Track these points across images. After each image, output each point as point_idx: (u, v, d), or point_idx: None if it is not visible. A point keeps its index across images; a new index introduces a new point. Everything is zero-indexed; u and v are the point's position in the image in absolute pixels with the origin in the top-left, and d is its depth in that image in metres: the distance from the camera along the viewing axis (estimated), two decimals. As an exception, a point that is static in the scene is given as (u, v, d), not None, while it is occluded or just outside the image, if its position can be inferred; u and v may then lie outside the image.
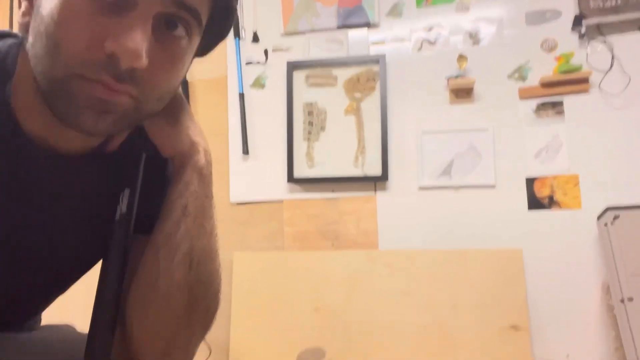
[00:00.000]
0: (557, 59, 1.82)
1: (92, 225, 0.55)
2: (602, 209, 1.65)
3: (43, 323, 0.70)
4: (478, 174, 1.86)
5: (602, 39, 1.81)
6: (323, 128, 2.01)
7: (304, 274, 1.90)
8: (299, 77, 2.04)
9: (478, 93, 1.90)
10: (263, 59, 2.10)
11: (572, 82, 1.81)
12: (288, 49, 2.09)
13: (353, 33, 2.03)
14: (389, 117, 1.95)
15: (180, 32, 0.44)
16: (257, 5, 2.13)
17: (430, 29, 1.97)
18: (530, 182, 1.83)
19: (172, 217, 0.52)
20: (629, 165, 1.75)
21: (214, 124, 2.10)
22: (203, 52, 0.54)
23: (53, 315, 0.76)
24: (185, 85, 2.11)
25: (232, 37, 2.11)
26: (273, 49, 2.10)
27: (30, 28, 0.43)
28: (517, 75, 1.88)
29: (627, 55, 1.79)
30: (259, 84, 2.10)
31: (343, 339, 1.80)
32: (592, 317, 1.72)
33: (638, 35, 1.80)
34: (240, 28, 2.12)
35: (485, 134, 1.87)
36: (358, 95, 1.99)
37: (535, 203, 1.81)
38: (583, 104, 1.81)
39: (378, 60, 1.96)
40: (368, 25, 2.02)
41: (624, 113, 1.78)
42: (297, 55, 2.07)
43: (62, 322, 0.72)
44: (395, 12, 2.01)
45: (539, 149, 1.83)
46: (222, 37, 0.54)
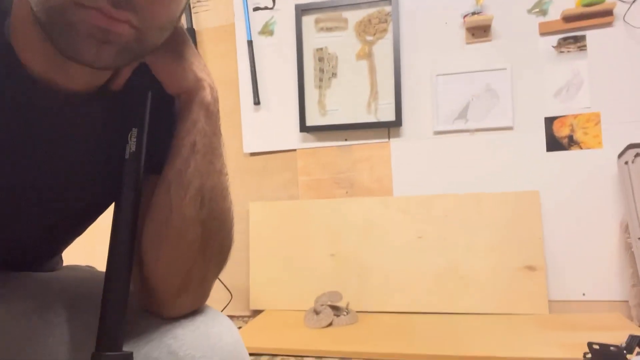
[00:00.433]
0: (580, -9, 1.72)
1: (101, 165, 0.55)
2: (623, 148, 1.61)
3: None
4: (495, 116, 1.82)
5: (629, -33, 1.70)
6: (334, 74, 1.96)
7: (320, 222, 1.92)
8: (308, 21, 1.97)
9: (496, 31, 1.82)
10: (271, 4, 2.04)
11: (595, 14, 1.71)
12: (296, -8, 2.01)
13: (363, -28, 1.93)
14: (402, 60, 1.89)
15: None
16: (262, -53, 2.04)
17: (445, -36, 1.87)
18: (550, 122, 1.78)
19: (181, 154, 0.52)
20: (654, 102, 1.68)
21: (224, 74, 2.07)
22: None
23: (76, 260, 0.78)
24: (193, 34, 2.07)
25: (237, -18, 2.04)
26: (280, -7, 2.02)
27: None
28: (537, 10, 1.78)
29: (656, -16, 1.68)
30: (267, 31, 2.04)
31: (359, 283, 1.84)
32: (608, 255, 1.72)
33: (669, -39, 1.68)
34: (246, -28, 2.04)
35: (503, 74, 1.80)
36: (370, 39, 1.92)
37: (554, 144, 1.77)
38: (606, 38, 1.73)
39: (390, 0, 1.88)
40: (379, -37, 1.92)
41: (651, 46, 1.69)
42: (305, -1, 1.99)
43: (85, 264, 0.74)
44: (408, -53, 1.90)
45: (559, 87, 1.77)
46: None
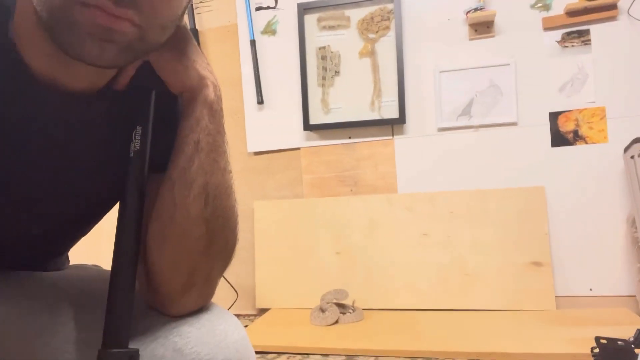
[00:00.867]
0: (583, -15, 1.71)
1: (106, 164, 0.55)
2: (629, 142, 1.60)
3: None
4: (499, 112, 1.81)
5: (633, -40, 1.69)
6: (337, 72, 1.96)
7: (324, 220, 1.92)
8: (311, 20, 1.97)
9: (499, 26, 1.81)
10: (273, 3, 2.04)
11: (599, 8, 1.70)
12: (298, -9, 2.01)
13: (365, -30, 1.93)
14: (405, 57, 1.89)
15: None
16: (264, -54, 2.04)
17: (447, -39, 1.86)
18: (554, 116, 1.77)
19: (184, 152, 0.52)
20: (660, 95, 1.67)
21: (227, 74, 2.07)
22: None
23: (82, 259, 0.79)
24: (196, 35, 2.07)
25: (239, -18, 2.05)
26: (282, -8, 2.03)
27: None
28: (540, 5, 1.77)
29: (660, -24, 1.66)
30: (270, 30, 2.05)
31: (365, 280, 1.84)
32: (615, 250, 1.71)
33: (674, -47, 1.66)
34: (248, -28, 2.04)
35: (507, 69, 1.80)
36: (372, 36, 1.92)
37: (559, 139, 1.76)
38: (611, 32, 1.72)
39: (392, -3, 1.88)
40: (381, -40, 1.92)
41: (656, 40, 1.68)
42: (307, -3, 1.99)
43: (91, 263, 0.75)
44: (410, -57, 1.90)
45: (564, 82, 1.76)
46: None
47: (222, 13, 2.10)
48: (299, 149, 2.02)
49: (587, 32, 1.74)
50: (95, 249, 1.10)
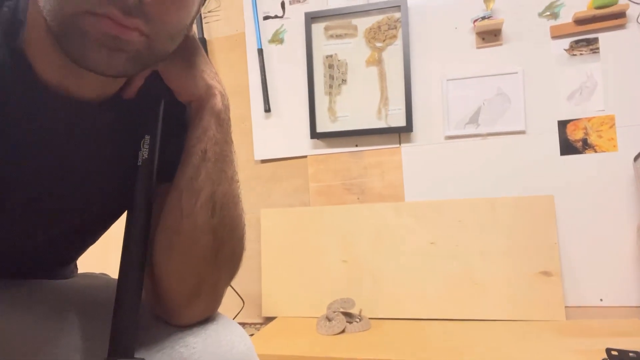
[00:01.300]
0: (591, -7, 1.70)
1: (114, 173, 0.55)
2: (639, 151, 1.58)
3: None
4: (507, 120, 1.80)
5: (642, -32, 1.68)
6: (344, 81, 1.96)
7: (331, 228, 1.91)
8: (318, 28, 1.98)
9: (506, 35, 1.81)
10: (280, 13, 2.05)
11: (607, 17, 1.69)
12: (305, 0, 2.02)
13: (372, -21, 1.94)
14: (412, 65, 1.89)
15: None
16: (272, -44, 2.06)
17: (454, -30, 1.87)
18: (563, 125, 1.76)
19: (192, 162, 0.52)
20: (670, 104, 1.66)
21: (235, 82, 2.09)
22: None
23: (91, 267, 0.79)
24: (204, 44, 2.09)
25: (248, -9, 2.06)
26: (290, 1, 2.04)
27: None
28: (548, 13, 1.77)
29: (669, -16, 1.66)
30: (277, 39, 2.06)
31: (372, 289, 1.83)
32: (626, 260, 1.68)
33: (683, -39, 1.66)
34: (257, -18, 2.06)
35: (515, 78, 1.79)
36: (379, 45, 1.93)
37: (568, 147, 1.75)
38: (620, 40, 1.70)
39: (399, 6, 1.88)
40: (388, -30, 1.93)
41: (665, 47, 1.67)
42: (315, 6, 2.00)
43: (99, 272, 0.75)
44: (417, -47, 1.90)
45: (572, 91, 1.75)
46: None
47: (230, 22, 2.12)
48: (306, 157, 2.02)
49: (595, 40, 1.73)
50: (104, 258, 1.10)
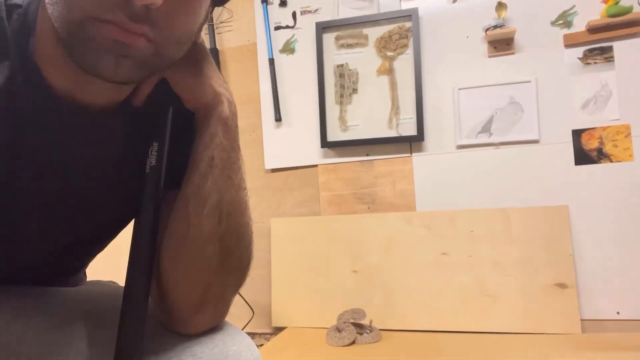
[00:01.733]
0: (604, 1, 1.68)
1: (122, 181, 0.55)
2: (656, 160, 1.55)
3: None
4: (520, 129, 1.78)
5: (656, -25, 1.66)
6: (355, 90, 1.96)
7: (342, 238, 1.90)
8: (329, 38, 1.99)
9: (519, 43, 1.79)
10: (292, 23, 2.06)
11: (621, 25, 1.67)
12: (316, 11, 2.04)
13: (383, -11, 1.95)
14: (424, 74, 1.88)
15: None
16: (283, -33, 2.08)
17: (466, -21, 1.86)
18: (577, 134, 1.73)
19: (199, 169, 0.52)
20: (688, 112, 1.62)
21: (246, 92, 2.10)
22: None
23: (100, 275, 0.79)
24: (216, 54, 2.11)
25: (260, 2, 2.08)
26: (301, 11, 2.05)
27: None
28: (561, 22, 1.75)
29: (685, -8, 1.63)
30: (289, 49, 2.07)
31: (383, 300, 1.80)
32: (645, 273, 1.64)
33: (699, -32, 1.63)
34: (268, -7, 2.08)
35: (528, 87, 1.77)
36: (390, 54, 1.92)
37: (583, 157, 1.72)
38: (634, 49, 1.68)
39: (410, 16, 1.88)
40: (399, -20, 1.93)
41: (682, 55, 1.64)
42: (326, 16, 2.01)
43: (108, 279, 0.75)
44: (428, -37, 1.91)
45: (587, 99, 1.73)
46: None
47: (242, 33, 2.14)
48: (317, 166, 2.01)
49: (609, 48, 1.70)
50: (113, 265, 1.10)
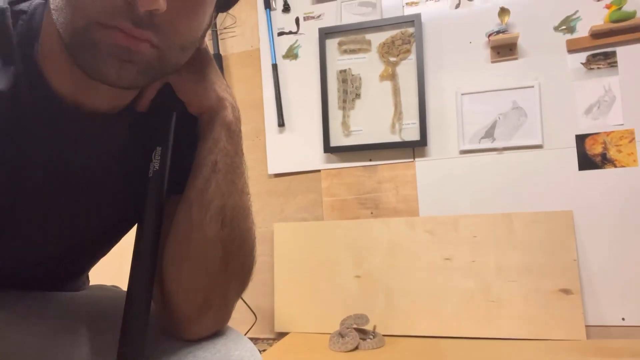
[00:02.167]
0: (607, 7, 1.69)
1: (126, 185, 0.56)
2: (661, 165, 1.54)
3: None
4: (524, 134, 1.78)
5: (660, -19, 1.66)
6: (358, 95, 1.97)
7: (345, 243, 1.90)
8: (332, 44, 1.99)
9: (522, 49, 1.79)
10: (295, 28, 2.07)
11: (625, 30, 1.67)
12: (319, 16, 2.04)
13: (386, -5, 1.96)
14: (426, 80, 1.88)
15: None
16: (286, -26, 2.09)
17: (468, -15, 1.87)
18: (581, 139, 1.72)
19: (202, 173, 0.52)
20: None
21: (249, 97, 2.10)
22: (227, 3, 0.53)
23: (103, 279, 0.79)
24: (219, 60, 2.12)
25: (263, 8, 2.09)
26: (304, 17, 2.06)
27: None
28: (564, 27, 1.75)
29: (688, -3, 1.63)
30: (292, 54, 2.07)
31: (386, 306, 1.80)
32: (650, 279, 1.63)
33: (702, -27, 1.63)
34: (271, -1, 2.09)
35: (531, 92, 1.77)
36: (393, 60, 1.93)
37: (587, 162, 1.71)
38: (637, 54, 1.68)
39: (413, 21, 1.89)
40: (402, -14, 1.94)
41: (686, 60, 1.64)
42: (329, 22, 2.02)
43: (110, 283, 0.75)
44: (430, -31, 1.91)
45: (590, 104, 1.72)
46: None
47: (245, 38, 2.15)
48: (320, 171, 2.01)
49: (613, 53, 1.70)
50: (116, 269, 1.10)
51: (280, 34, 2.09)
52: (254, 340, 1.97)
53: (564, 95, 1.75)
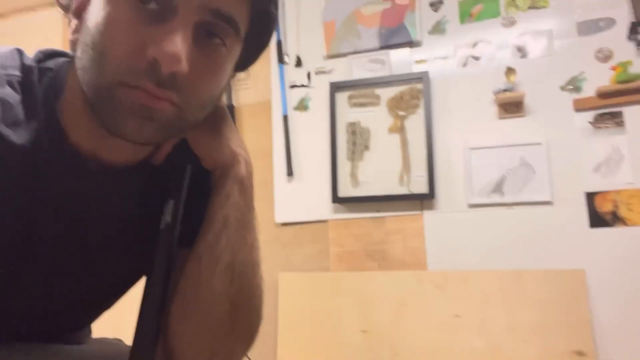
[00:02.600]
0: (613, 68, 1.73)
1: (137, 238, 0.56)
2: (673, 226, 1.52)
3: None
4: (532, 190, 1.77)
5: (662, 45, 1.71)
6: (367, 147, 1.99)
7: (351, 295, 1.86)
8: (342, 97, 2.04)
9: (529, 106, 1.82)
10: (306, 82, 2.13)
11: (631, 91, 1.70)
12: (331, 71, 2.11)
13: (395, 52, 2.02)
14: (434, 134, 1.91)
15: (219, 40, 0.45)
16: (300, 31, 2.18)
17: (475, 45, 1.93)
18: (591, 197, 1.71)
19: (213, 228, 0.52)
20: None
21: (259, 147, 2.14)
22: (245, 64, 0.55)
23: (105, 331, 0.77)
24: (232, 110, 2.17)
25: (276, 63, 2.16)
26: (316, 72, 2.13)
27: (79, 42, 0.45)
28: (571, 87, 1.79)
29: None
30: (303, 106, 2.13)
31: (392, 364, 1.73)
32: (668, 344, 1.57)
33: (703, 39, 1.68)
34: (284, 54, 2.17)
35: (539, 148, 1.78)
36: (402, 113, 1.97)
37: (597, 220, 1.70)
38: (645, 114, 1.70)
39: (421, 78, 1.94)
40: (410, 44, 2.01)
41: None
42: (339, 77, 2.08)
43: (113, 336, 0.73)
44: (438, 29, 1.99)
45: (598, 163, 1.73)
46: (262, 46, 0.54)
47: (258, 91, 2.21)
48: (327, 221, 2.01)
49: (620, 113, 1.72)
50: (118, 321, 1.08)
51: (292, 87, 2.15)
52: (255, 397, 1.88)
53: (572, 153, 1.76)
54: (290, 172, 2.07)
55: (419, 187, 1.89)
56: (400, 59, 2.02)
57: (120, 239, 0.55)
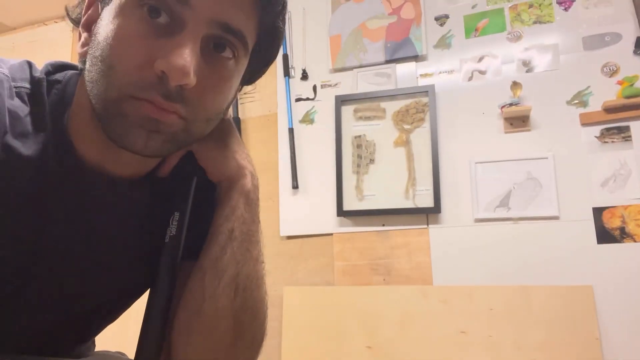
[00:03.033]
0: (619, 83, 1.72)
1: (142, 250, 0.55)
2: (683, 242, 1.50)
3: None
4: (539, 205, 1.76)
5: (669, 60, 1.70)
6: (372, 161, 1.99)
7: (356, 310, 1.84)
8: (347, 110, 2.05)
9: (535, 121, 1.82)
10: (312, 95, 2.14)
11: (638, 106, 1.69)
12: (336, 85, 2.12)
13: (401, 66, 2.03)
14: (440, 147, 1.90)
15: (227, 53, 0.45)
16: (306, 45, 2.19)
17: (481, 59, 1.94)
18: (598, 212, 1.70)
19: (218, 241, 0.51)
20: None
21: (265, 159, 2.14)
22: (252, 77, 0.55)
23: (108, 344, 0.77)
24: (238, 123, 2.18)
25: (282, 76, 2.18)
26: (322, 85, 2.14)
27: (88, 55, 0.45)
28: (577, 102, 1.79)
29: (699, 76, 1.66)
30: (308, 119, 2.13)
31: (397, 381, 1.71)
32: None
33: None
34: (290, 68, 2.18)
35: (545, 163, 1.77)
36: (407, 127, 1.97)
37: (605, 236, 1.68)
38: (652, 129, 1.69)
39: (427, 91, 1.94)
40: (416, 58, 2.02)
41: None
42: (345, 90, 2.09)
43: (116, 349, 0.73)
44: (444, 43, 2.00)
45: (606, 178, 1.71)
46: (269, 60, 0.54)
47: (264, 104, 2.23)
48: (332, 235, 2.00)
49: (626, 128, 1.72)
50: (122, 334, 1.08)
51: (298, 100, 2.16)
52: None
53: (579, 168, 1.75)
54: (296, 185, 2.07)
55: (425, 201, 1.88)
56: (406, 73, 2.03)
57: (126, 251, 0.55)
